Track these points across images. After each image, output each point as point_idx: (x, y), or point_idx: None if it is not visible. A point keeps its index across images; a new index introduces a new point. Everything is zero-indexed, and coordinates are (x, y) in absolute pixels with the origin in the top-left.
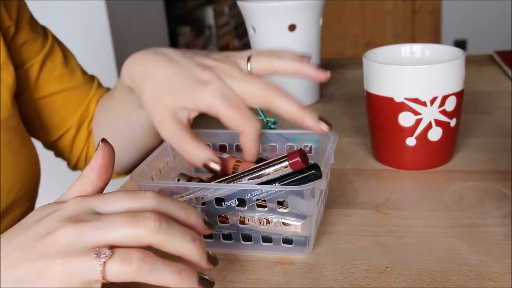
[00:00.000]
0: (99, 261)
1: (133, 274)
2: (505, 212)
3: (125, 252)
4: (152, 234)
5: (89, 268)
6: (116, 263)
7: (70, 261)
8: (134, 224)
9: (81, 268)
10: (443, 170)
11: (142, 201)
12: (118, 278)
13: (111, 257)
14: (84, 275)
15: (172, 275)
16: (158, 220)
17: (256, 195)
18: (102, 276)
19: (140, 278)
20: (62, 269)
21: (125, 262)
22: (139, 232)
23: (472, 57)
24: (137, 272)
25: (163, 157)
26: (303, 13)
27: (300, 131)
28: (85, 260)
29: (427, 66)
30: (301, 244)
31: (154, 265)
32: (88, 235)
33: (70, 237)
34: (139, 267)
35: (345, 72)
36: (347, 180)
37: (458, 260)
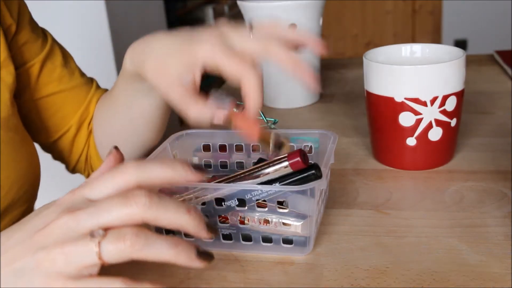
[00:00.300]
0: (94, 242)
1: (128, 250)
2: (505, 212)
3: (118, 231)
4: (144, 210)
5: (85, 252)
6: (110, 242)
7: (67, 248)
8: (125, 204)
9: (78, 253)
10: (443, 170)
11: (125, 175)
12: (114, 257)
13: (105, 237)
14: (82, 260)
15: (168, 248)
16: (149, 196)
17: (256, 195)
18: (99, 257)
19: (136, 254)
20: (60, 257)
21: (119, 239)
22: (131, 210)
23: (473, 57)
24: (132, 247)
25: (163, 157)
26: (303, 13)
27: (300, 131)
28: (81, 245)
29: (427, 66)
30: (301, 244)
31: (148, 240)
32: (83, 221)
33: (66, 226)
34: (133, 242)
35: (345, 72)
36: (347, 180)
37: (458, 260)
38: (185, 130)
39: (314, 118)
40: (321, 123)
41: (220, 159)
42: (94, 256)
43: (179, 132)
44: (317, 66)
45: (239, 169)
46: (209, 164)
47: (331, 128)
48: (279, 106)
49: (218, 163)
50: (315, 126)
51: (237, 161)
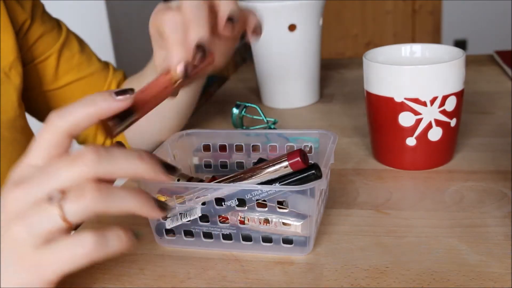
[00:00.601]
0: (53, 205)
1: (91, 205)
2: (505, 212)
3: (77, 189)
4: (94, 166)
5: (47, 217)
6: (72, 201)
7: (27, 220)
8: (73, 163)
9: (39, 221)
10: (443, 170)
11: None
12: (79, 215)
13: (65, 198)
14: (45, 226)
15: (131, 198)
16: (96, 151)
17: (256, 195)
18: (63, 219)
19: (99, 207)
20: (21, 229)
21: (79, 196)
22: (80, 168)
23: (472, 57)
24: (94, 201)
25: (163, 157)
26: (303, 13)
27: (300, 131)
28: (41, 212)
29: (427, 66)
30: (301, 244)
31: (109, 192)
32: (34, 190)
33: (18, 199)
34: (94, 196)
35: (345, 72)
36: (347, 180)
37: (458, 260)
38: (185, 130)
39: (314, 118)
40: (321, 123)
41: (220, 159)
42: (57, 219)
43: (179, 132)
44: (317, 66)
45: (239, 169)
46: (209, 164)
47: (331, 128)
48: (279, 106)
49: (218, 163)
50: (315, 126)
51: (237, 161)
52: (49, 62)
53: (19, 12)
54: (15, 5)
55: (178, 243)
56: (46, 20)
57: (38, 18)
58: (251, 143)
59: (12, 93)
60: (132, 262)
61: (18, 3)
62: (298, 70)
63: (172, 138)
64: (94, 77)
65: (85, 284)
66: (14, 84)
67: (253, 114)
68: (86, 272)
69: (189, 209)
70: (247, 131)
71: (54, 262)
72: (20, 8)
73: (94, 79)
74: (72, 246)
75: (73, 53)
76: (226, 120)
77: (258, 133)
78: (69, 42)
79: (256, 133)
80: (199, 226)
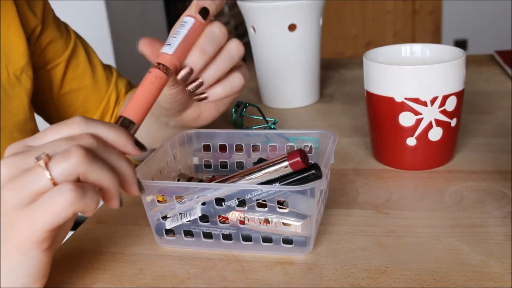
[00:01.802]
0: (41, 165)
1: (75, 166)
2: (505, 212)
3: (64, 152)
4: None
5: (35, 177)
6: (57, 161)
7: (17, 182)
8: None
9: (28, 181)
10: (443, 170)
11: (70, 128)
12: (65, 175)
13: (52, 158)
14: (33, 187)
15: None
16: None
17: (256, 195)
18: (50, 179)
19: (83, 169)
20: (11, 193)
21: (65, 157)
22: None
23: (472, 57)
24: (79, 163)
25: (163, 157)
26: (303, 13)
27: (300, 131)
28: (29, 173)
29: (427, 66)
30: (301, 244)
31: (94, 158)
32: (25, 157)
33: (10, 165)
34: (79, 157)
35: (345, 72)
36: (347, 180)
37: (458, 260)
38: (185, 130)
39: (314, 118)
40: (321, 123)
41: (220, 159)
42: (45, 178)
43: (179, 132)
44: (317, 66)
45: (239, 169)
46: (209, 164)
47: (331, 128)
48: (279, 106)
49: (218, 163)
50: (315, 126)
51: (237, 161)
52: (57, 70)
53: (30, 18)
54: (26, 11)
55: (178, 243)
56: (56, 26)
57: (48, 24)
58: (251, 143)
59: (23, 97)
60: (132, 262)
61: (30, 9)
62: (298, 70)
63: (172, 138)
64: (97, 88)
65: (85, 284)
66: (25, 88)
67: (253, 114)
68: (86, 272)
69: (189, 209)
70: (247, 131)
71: (40, 216)
72: (32, 14)
73: (97, 89)
74: (53, 196)
75: (78, 61)
76: (226, 120)
77: (258, 133)
78: (76, 50)
79: (256, 133)
80: (199, 226)
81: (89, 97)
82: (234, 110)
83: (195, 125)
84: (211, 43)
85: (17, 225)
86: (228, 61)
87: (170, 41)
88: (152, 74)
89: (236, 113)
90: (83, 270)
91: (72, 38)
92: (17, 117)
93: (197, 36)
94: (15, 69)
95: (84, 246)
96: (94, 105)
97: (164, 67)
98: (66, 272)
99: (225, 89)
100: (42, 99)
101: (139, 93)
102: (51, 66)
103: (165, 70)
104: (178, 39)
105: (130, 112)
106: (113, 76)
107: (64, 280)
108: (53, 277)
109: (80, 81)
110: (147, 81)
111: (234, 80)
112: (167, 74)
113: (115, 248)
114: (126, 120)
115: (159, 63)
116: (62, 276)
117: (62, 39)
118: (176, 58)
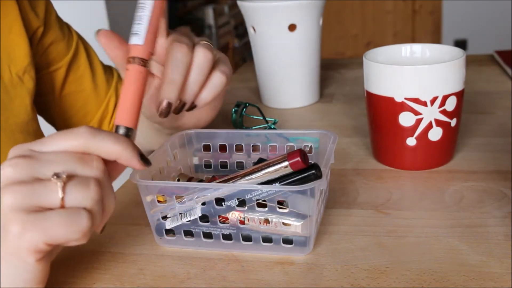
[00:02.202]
0: (57, 183)
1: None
2: (505, 212)
3: (84, 180)
4: (87, 139)
5: (47, 191)
6: (77, 189)
7: (24, 186)
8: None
9: (39, 192)
10: (443, 170)
11: (76, 138)
12: (76, 204)
13: (69, 183)
14: (42, 199)
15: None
16: (89, 128)
17: (256, 195)
18: (62, 199)
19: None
20: (14, 195)
21: (85, 188)
22: (75, 141)
23: (472, 57)
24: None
25: (163, 157)
26: (303, 13)
27: (300, 131)
28: (41, 184)
29: (427, 66)
30: (301, 244)
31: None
32: (38, 166)
33: (19, 168)
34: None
35: (345, 72)
36: (347, 180)
37: (458, 260)
38: (185, 130)
39: (314, 118)
40: (321, 123)
41: (220, 159)
42: (57, 198)
43: (179, 132)
44: (317, 66)
45: (239, 169)
46: (209, 164)
47: (331, 128)
48: (279, 106)
49: (218, 163)
50: (315, 126)
51: (237, 161)
52: (59, 72)
53: (33, 18)
54: (29, 11)
55: (178, 243)
56: (58, 27)
57: (51, 24)
58: (251, 143)
59: (25, 97)
60: (132, 262)
61: (32, 10)
62: (298, 70)
63: (172, 138)
64: (96, 91)
65: (85, 284)
66: (28, 88)
67: (253, 114)
68: (86, 272)
69: (189, 209)
70: (247, 131)
71: (49, 228)
72: (34, 15)
73: (96, 92)
74: (72, 217)
75: (79, 64)
76: (226, 120)
77: (258, 133)
78: (77, 53)
79: (256, 133)
80: (199, 226)
81: (89, 99)
82: (234, 110)
83: (196, 127)
84: (177, 70)
85: (14, 229)
86: (201, 73)
87: (136, 29)
88: (132, 72)
89: (236, 113)
90: (83, 270)
91: (74, 39)
92: (19, 117)
93: (160, 13)
94: (17, 69)
95: (84, 246)
96: (94, 107)
97: (140, 59)
98: (66, 272)
99: (209, 92)
100: (44, 100)
101: (125, 95)
102: (53, 68)
103: (142, 63)
104: (143, 24)
105: (123, 118)
106: (114, 79)
107: (64, 280)
108: (53, 277)
109: (80, 84)
110: (130, 80)
111: (215, 82)
112: (146, 66)
113: (115, 248)
114: (123, 128)
115: (134, 57)
116: (62, 276)
117: (64, 40)
118: (149, 46)
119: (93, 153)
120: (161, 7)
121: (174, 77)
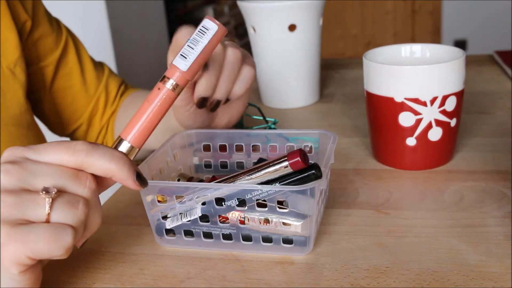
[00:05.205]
0: (46, 199)
1: (76, 219)
2: (505, 212)
3: (72, 199)
4: (82, 155)
5: (34, 205)
6: (64, 207)
7: (12, 197)
8: (63, 149)
9: (26, 204)
10: (443, 170)
11: (72, 154)
12: (62, 221)
13: (57, 200)
14: (28, 212)
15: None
16: (86, 143)
17: (256, 195)
18: (48, 214)
19: (79, 224)
20: (2, 204)
21: (72, 208)
22: (71, 157)
23: (472, 57)
24: (79, 217)
25: (163, 157)
26: (303, 13)
27: (300, 131)
28: (29, 196)
29: (427, 66)
30: (301, 244)
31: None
32: (29, 177)
33: (11, 175)
34: (83, 214)
35: (345, 72)
36: (347, 180)
37: (458, 260)
38: (185, 130)
39: (314, 118)
40: (321, 123)
41: (220, 159)
42: (43, 212)
43: (179, 132)
44: (317, 66)
45: (239, 169)
46: (209, 164)
47: (331, 128)
48: (279, 106)
49: (218, 163)
50: (315, 126)
51: (237, 161)
52: (49, 68)
53: (21, 12)
54: (17, 5)
55: (178, 243)
56: (47, 21)
57: (39, 18)
58: (251, 143)
59: (17, 89)
60: (132, 262)
61: (20, 3)
62: (298, 70)
63: (172, 138)
64: (85, 87)
65: (85, 284)
66: (20, 81)
67: (253, 114)
68: (86, 272)
69: (189, 209)
70: (247, 131)
71: (33, 242)
72: (22, 8)
73: (85, 88)
74: (56, 232)
75: (68, 59)
76: None
77: (258, 133)
78: (66, 49)
79: (256, 133)
80: (199, 226)
81: (78, 96)
82: None
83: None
84: (214, 65)
85: None
86: (233, 71)
87: (186, 51)
88: (161, 93)
89: None
90: (83, 270)
91: (64, 35)
92: (12, 110)
93: (216, 45)
94: (8, 62)
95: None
96: (83, 104)
97: (176, 85)
98: (66, 272)
99: (241, 86)
100: (36, 97)
101: (143, 113)
102: (43, 64)
103: (175, 88)
104: (195, 52)
105: (132, 136)
106: (104, 76)
107: (64, 280)
108: (53, 277)
109: (69, 79)
110: (155, 100)
111: (245, 75)
112: (176, 93)
113: (115, 248)
114: (126, 145)
115: (169, 78)
116: (62, 276)
117: (53, 34)
118: (190, 75)
119: (87, 171)
120: (220, 39)
121: (210, 75)
